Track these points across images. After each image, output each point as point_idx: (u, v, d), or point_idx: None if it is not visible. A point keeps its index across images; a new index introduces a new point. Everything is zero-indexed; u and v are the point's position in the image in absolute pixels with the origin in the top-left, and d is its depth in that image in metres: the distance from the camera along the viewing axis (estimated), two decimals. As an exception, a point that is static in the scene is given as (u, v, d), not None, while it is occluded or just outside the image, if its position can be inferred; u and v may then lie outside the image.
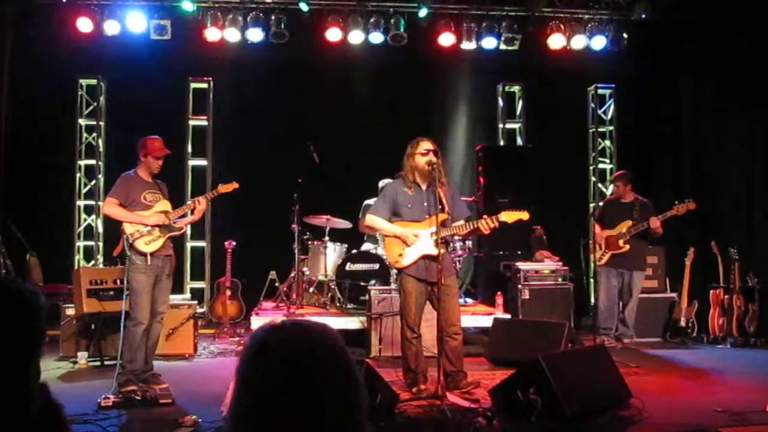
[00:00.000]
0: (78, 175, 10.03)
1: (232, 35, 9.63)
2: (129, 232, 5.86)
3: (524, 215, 5.88)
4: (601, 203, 9.36)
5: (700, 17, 9.63)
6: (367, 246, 8.87)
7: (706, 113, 9.88)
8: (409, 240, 5.81)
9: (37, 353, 1.67)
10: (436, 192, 5.68)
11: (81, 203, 10.09)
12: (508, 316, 8.02)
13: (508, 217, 5.84)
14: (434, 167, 5.72)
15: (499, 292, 8.35)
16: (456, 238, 7.69)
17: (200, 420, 4.83)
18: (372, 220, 6.06)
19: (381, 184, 9.00)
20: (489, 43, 9.97)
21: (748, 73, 9.20)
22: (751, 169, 9.40)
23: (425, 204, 5.89)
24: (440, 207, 5.66)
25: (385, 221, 5.97)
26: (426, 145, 5.87)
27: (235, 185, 6.35)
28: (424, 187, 5.95)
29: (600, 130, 10.88)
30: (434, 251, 5.68)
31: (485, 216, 6.08)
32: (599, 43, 10.04)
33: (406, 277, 5.87)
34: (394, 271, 8.14)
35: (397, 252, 5.89)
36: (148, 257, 5.87)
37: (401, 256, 5.86)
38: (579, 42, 10.04)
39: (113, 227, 6.32)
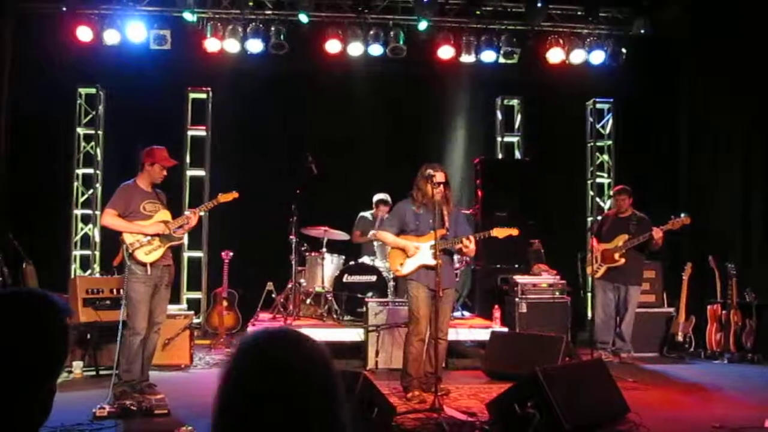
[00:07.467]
0: (76, 184, 10.02)
1: (232, 46, 9.63)
2: (129, 242, 5.85)
3: (514, 231, 6.39)
4: (599, 217, 9.36)
5: (699, 33, 9.68)
6: (364, 258, 8.85)
7: (704, 128, 9.90)
8: (410, 251, 6.25)
9: (51, 377, 1.50)
10: (441, 211, 6.11)
11: (78, 212, 10.07)
12: (505, 329, 8.02)
13: (499, 233, 6.32)
14: (443, 197, 6.17)
15: (496, 306, 8.36)
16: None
17: (195, 431, 4.80)
18: (382, 234, 6.55)
19: (376, 198, 9.04)
20: (488, 56, 9.98)
21: (745, 88, 9.22)
22: (749, 185, 9.40)
23: (430, 221, 6.19)
24: (441, 222, 6.06)
25: (392, 235, 6.38)
26: (440, 177, 6.18)
27: (235, 195, 6.35)
28: (431, 207, 6.23)
29: (598, 144, 10.91)
30: (432, 262, 6.04)
31: (478, 233, 6.45)
32: (598, 57, 10.06)
33: (413, 282, 6.25)
34: (391, 284, 8.25)
35: (398, 262, 6.37)
36: (148, 267, 5.86)
37: (401, 266, 6.33)
38: (578, 56, 10.06)
39: (110, 237, 6.30)
